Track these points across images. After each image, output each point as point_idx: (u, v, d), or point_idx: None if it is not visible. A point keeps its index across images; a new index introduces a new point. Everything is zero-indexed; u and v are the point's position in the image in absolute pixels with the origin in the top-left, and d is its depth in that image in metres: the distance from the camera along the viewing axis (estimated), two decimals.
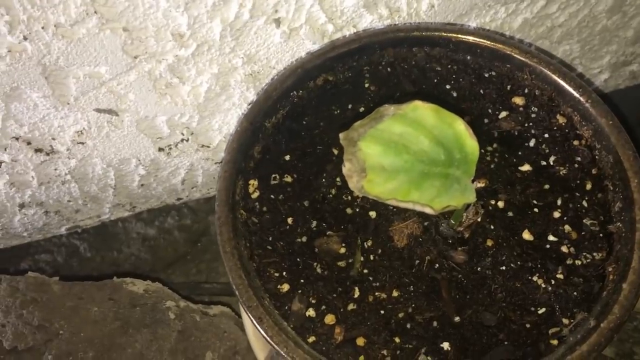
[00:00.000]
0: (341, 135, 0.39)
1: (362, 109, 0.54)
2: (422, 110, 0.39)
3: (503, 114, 0.54)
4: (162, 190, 0.74)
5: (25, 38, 0.50)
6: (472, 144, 0.39)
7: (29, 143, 0.60)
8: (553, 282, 0.46)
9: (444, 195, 0.37)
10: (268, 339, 0.42)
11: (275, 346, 0.42)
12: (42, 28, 0.50)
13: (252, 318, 0.43)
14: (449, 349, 0.45)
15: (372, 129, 0.39)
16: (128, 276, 0.72)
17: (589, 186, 0.50)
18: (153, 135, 0.64)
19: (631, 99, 0.92)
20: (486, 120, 0.54)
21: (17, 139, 0.59)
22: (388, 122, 0.39)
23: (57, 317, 0.58)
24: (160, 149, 0.66)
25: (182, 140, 0.66)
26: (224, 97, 0.62)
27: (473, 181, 0.49)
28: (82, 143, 0.62)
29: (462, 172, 0.39)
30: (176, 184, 0.73)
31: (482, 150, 0.52)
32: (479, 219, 0.46)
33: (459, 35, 0.54)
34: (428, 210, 0.36)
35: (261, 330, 0.43)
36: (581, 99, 0.51)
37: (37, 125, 0.59)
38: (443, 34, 0.54)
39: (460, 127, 0.39)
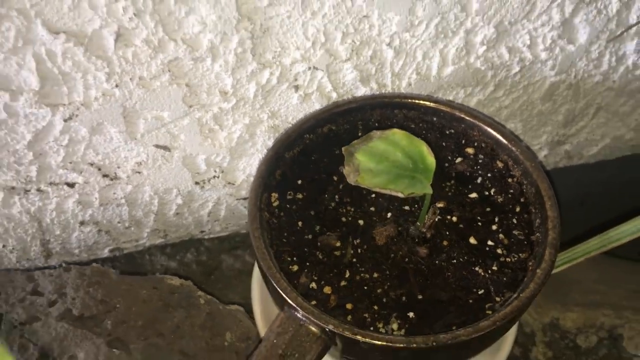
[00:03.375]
0: (343, 149, 0.58)
1: None
2: (399, 135, 0.58)
3: (459, 159, 0.71)
4: (191, 220, 0.85)
5: (116, 85, 0.62)
6: (430, 160, 0.57)
7: (99, 169, 0.70)
8: (490, 272, 0.62)
9: (411, 187, 0.55)
10: (284, 294, 0.58)
11: (290, 300, 0.58)
12: (130, 79, 0.61)
13: (272, 280, 0.59)
14: (414, 316, 0.60)
15: (364, 146, 0.58)
16: None
17: (518, 209, 0.66)
18: (193, 170, 0.75)
19: (572, 179, 1.08)
20: (446, 164, 0.71)
21: (91, 164, 0.69)
22: (375, 142, 0.58)
23: (115, 295, 0.73)
24: (197, 183, 0.77)
25: (214, 176, 0.77)
26: (250, 144, 0.74)
27: (435, 201, 0.68)
28: (139, 172, 0.73)
29: (423, 177, 0.57)
30: (203, 215, 0.85)
31: (442, 184, 0.70)
32: (437, 218, 0.64)
33: (427, 103, 0.73)
34: (400, 195, 0.54)
35: (278, 288, 0.59)
36: (513, 148, 0.69)
37: (109, 155, 0.69)
38: (416, 101, 0.73)
39: (423, 147, 0.57)
